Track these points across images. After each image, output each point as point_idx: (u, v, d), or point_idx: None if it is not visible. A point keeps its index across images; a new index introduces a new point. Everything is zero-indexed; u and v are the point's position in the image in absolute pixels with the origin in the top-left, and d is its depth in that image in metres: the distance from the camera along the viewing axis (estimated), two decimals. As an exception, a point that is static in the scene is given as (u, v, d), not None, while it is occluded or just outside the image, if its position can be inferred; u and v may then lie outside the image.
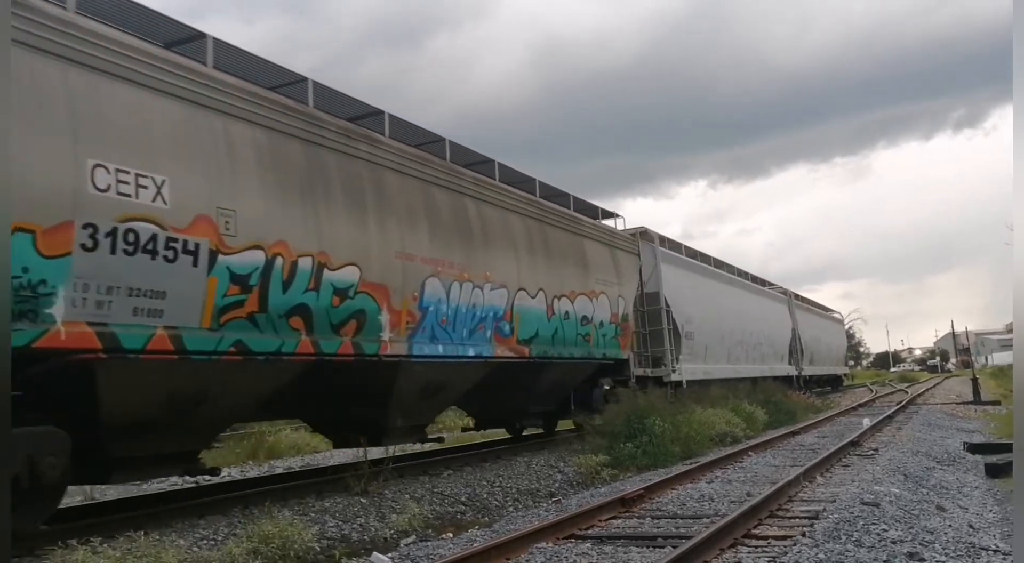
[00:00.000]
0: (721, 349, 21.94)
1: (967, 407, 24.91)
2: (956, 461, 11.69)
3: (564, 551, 6.07)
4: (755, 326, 25.63)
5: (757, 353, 25.68)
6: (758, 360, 25.69)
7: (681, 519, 7.36)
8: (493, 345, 11.29)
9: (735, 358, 23.25)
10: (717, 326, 21.56)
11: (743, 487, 9.01)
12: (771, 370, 26.61)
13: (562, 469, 11.70)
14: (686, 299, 19.29)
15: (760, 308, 27.33)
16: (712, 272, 23.59)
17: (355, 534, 7.64)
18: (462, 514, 9.05)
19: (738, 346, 23.74)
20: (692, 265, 21.68)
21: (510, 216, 12.25)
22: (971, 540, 6.20)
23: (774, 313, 29.07)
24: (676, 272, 19.45)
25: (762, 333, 26.47)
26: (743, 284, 26.69)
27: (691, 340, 19.22)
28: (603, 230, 15.96)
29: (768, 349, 27.21)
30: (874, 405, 26.94)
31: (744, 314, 24.66)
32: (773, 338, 28.02)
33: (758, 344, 25.94)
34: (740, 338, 23.95)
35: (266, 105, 7.95)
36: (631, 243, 17.12)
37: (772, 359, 27.53)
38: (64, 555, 5.50)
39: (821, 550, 5.47)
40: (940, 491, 8.84)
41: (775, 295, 31.25)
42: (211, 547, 6.52)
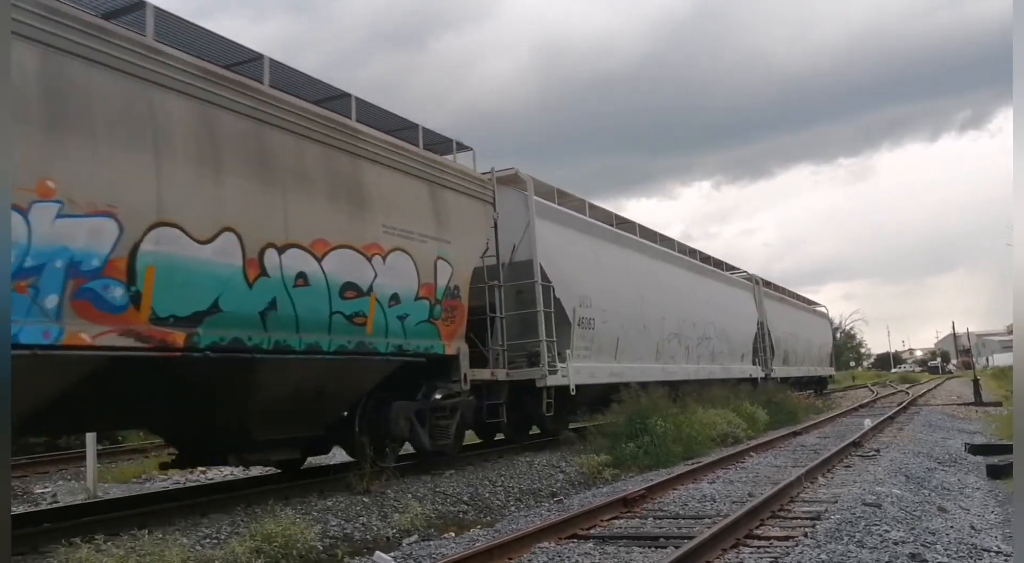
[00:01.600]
0: (644, 343, 16.60)
1: (968, 408, 24.90)
2: (957, 462, 11.70)
3: (566, 551, 6.09)
4: (702, 316, 20.21)
5: (704, 350, 20.32)
6: (706, 359, 20.36)
7: (683, 519, 7.37)
8: (64, 322, 5.80)
9: (668, 356, 17.81)
10: (636, 313, 16.29)
11: (745, 487, 9.03)
12: (725, 371, 21.46)
13: (564, 469, 11.71)
14: (581, 274, 14.26)
15: (711, 294, 21.88)
16: (631, 242, 17.68)
17: (357, 533, 7.65)
18: (464, 513, 9.07)
19: (672, 340, 18.22)
20: (595, 229, 15.94)
21: (167, 97, 6.89)
22: (973, 541, 6.21)
23: (732, 302, 23.73)
24: (564, 235, 14.19)
25: (712, 325, 21.00)
26: (684, 262, 20.82)
27: (589, 329, 14.17)
28: (419, 159, 10.13)
29: (722, 345, 21.84)
30: (875, 406, 26.94)
31: (684, 300, 19.41)
32: (729, 332, 22.45)
33: (705, 339, 20.44)
34: (676, 330, 18.42)
35: None
36: (480, 187, 11.42)
37: (727, 358, 22.21)
38: (68, 553, 5.52)
39: (823, 551, 5.48)
40: (942, 492, 8.84)
41: (734, 280, 25.41)
42: (214, 546, 6.53)
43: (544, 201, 13.80)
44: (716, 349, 21.32)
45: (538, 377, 12.38)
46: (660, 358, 17.37)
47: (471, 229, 11.11)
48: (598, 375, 14.32)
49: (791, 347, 30.43)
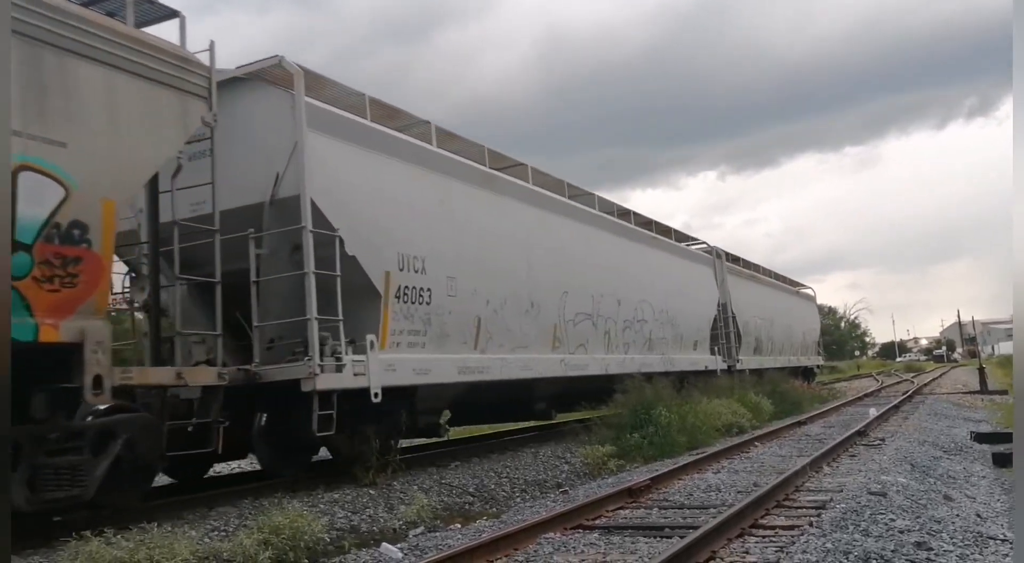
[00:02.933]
0: (531, 327, 12.33)
1: (974, 397, 24.88)
2: (963, 450, 11.70)
3: (572, 541, 6.11)
4: (633, 293, 16.20)
5: (636, 336, 16.24)
6: (639, 347, 16.36)
7: (688, 509, 7.39)
8: None
9: (574, 343, 13.65)
10: (518, 285, 12.07)
11: (750, 477, 9.04)
12: (666, 362, 17.30)
13: (569, 460, 11.74)
14: (407, 223, 9.87)
15: (650, 267, 17.52)
16: (516, 189, 12.61)
17: (364, 525, 7.69)
18: (470, 505, 9.10)
19: (582, 323, 13.96)
20: (445, 164, 10.97)
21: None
22: (978, 529, 6.22)
23: (682, 278, 19.62)
24: (373, 165, 9.56)
25: (650, 305, 16.98)
26: (609, 224, 15.94)
27: (420, 305, 9.85)
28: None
29: (663, 331, 17.69)
30: (880, 395, 26.93)
31: (606, 272, 15.26)
32: (676, 314, 18.35)
33: (638, 322, 16.29)
34: (589, 310, 14.30)
35: None
36: (172, 68, 7.57)
37: (671, 346, 18.05)
38: (78, 546, 5.56)
39: (828, 540, 5.50)
40: (947, 481, 8.85)
41: (687, 252, 20.80)
42: (222, 538, 6.57)
43: (337, 111, 9.37)
44: (655, 335, 17.15)
45: (303, 376, 8.08)
46: (561, 346, 13.14)
47: (135, 130, 7.05)
48: (439, 372, 9.94)
49: (765, 334, 26.13)
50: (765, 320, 26.28)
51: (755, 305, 25.25)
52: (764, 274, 28.63)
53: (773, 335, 27.36)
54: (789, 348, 29.84)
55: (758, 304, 25.70)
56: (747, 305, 24.19)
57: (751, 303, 24.79)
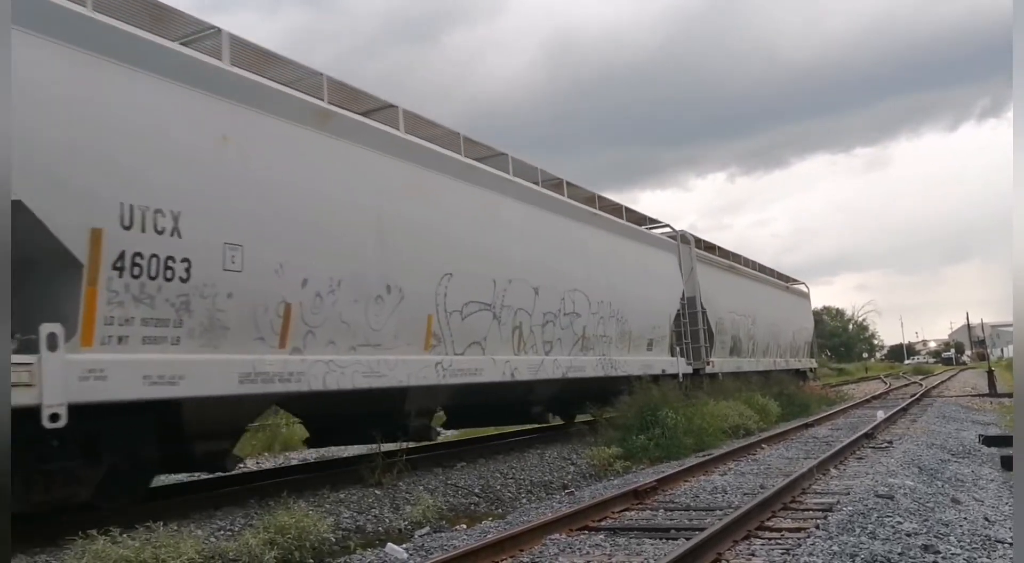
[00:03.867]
0: (376, 319, 8.85)
1: (982, 399, 24.76)
2: (971, 454, 11.64)
3: (577, 542, 6.10)
4: (551, 279, 12.64)
5: (559, 333, 12.79)
6: (568, 347, 13.06)
7: (694, 511, 7.38)
8: None
9: (454, 340, 10.19)
10: (342, 262, 8.48)
11: (756, 479, 9.02)
12: (606, 365, 14.22)
13: (575, 461, 11.73)
14: (120, 154, 6.33)
15: (576, 248, 13.87)
16: (333, 120, 8.72)
17: (370, 525, 7.70)
18: (476, 505, 9.10)
19: (474, 316, 10.68)
20: (203, 73, 7.22)
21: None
22: (987, 533, 6.19)
23: (630, 264, 15.89)
24: (76, 63, 6.10)
25: (579, 296, 13.51)
26: (500, 184, 11.83)
27: (160, 281, 6.53)
28: None
29: (605, 327, 14.44)
30: (888, 398, 26.82)
31: (499, 249, 11.43)
32: (621, 308, 15.00)
33: (560, 316, 12.82)
34: (479, 296, 10.79)
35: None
36: None
37: (615, 346, 14.79)
38: (84, 544, 5.57)
39: (835, 542, 5.47)
40: (955, 484, 8.81)
41: (639, 233, 17.06)
42: (228, 538, 6.59)
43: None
44: (591, 333, 13.86)
45: None
46: (440, 345, 9.83)
47: None
48: (203, 380, 6.82)
49: (745, 333, 22.95)
50: (745, 317, 22.98)
51: (733, 300, 21.98)
52: (746, 265, 24.92)
53: (756, 334, 24.01)
54: (776, 349, 26.73)
55: (737, 299, 22.45)
56: (722, 300, 21.00)
57: (728, 297, 21.58)
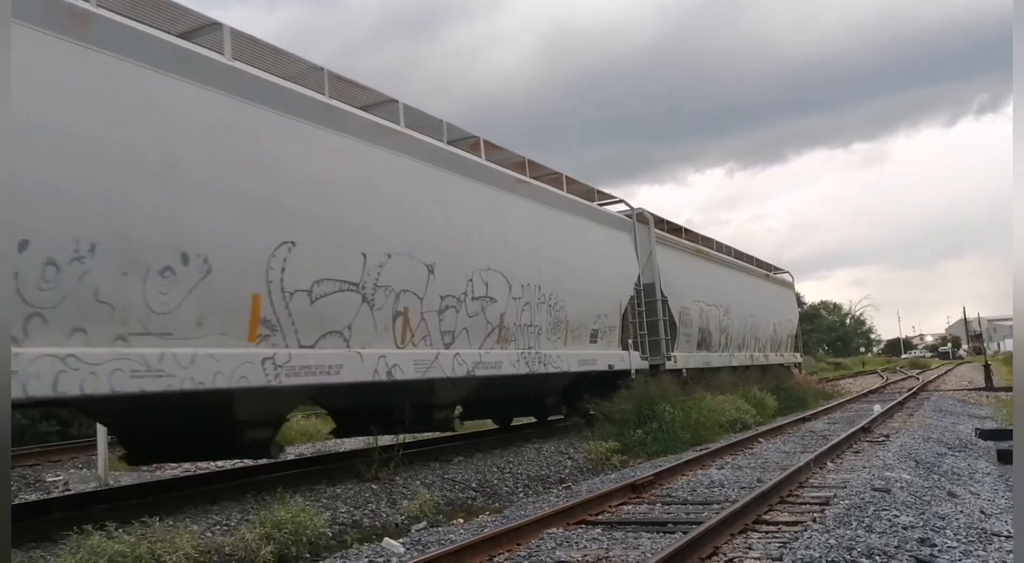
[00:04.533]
0: (160, 298, 6.39)
1: (979, 393, 24.83)
2: (968, 447, 11.66)
3: (575, 536, 6.10)
4: (452, 256, 10.26)
5: (465, 322, 10.42)
6: (476, 338, 10.65)
7: (691, 505, 7.38)
8: None
9: (298, 329, 7.73)
10: (88, 221, 5.90)
11: (753, 473, 9.02)
12: (531, 360, 11.78)
13: (572, 455, 11.74)
14: None
15: (493, 220, 11.45)
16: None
17: (367, 520, 7.69)
18: (473, 500, 9.10)
19: (331, 297, 8.21)
20: None
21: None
22: (983, 526, 6.19)
23: (570, 243, 13.60)
24: None
25: (496, 277, 11.20)
26: (382, 135, 9.36)
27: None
28: None
29: (531, 317, 12.04)
30: (885, 392, 26.87)
31: (373, 215, 9.05)
32: (556, 293, 12.78)
33: (468, 301, 10.53)
34: (339, 272, 8.37)
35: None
36: None
37: (544, 339, 12.37)
38: (80, 540, 5.56)
39: (832, 536, 5.47)
40: (952, 477, 8.82)
41: (584, 208, 14.59)
42: (224, 532, 6.58)
43: None
44: (512, 322, 11.42)
45: None
46: (274, 336, 7.51)
47: None
48: None
49: (716, 324, 20.54)
50: (716, 307, 20.62)
51: (701, 288, 19.64)
52: (718, 250, 22.51)
53: (729, 327, 21.63)
54: (754, 343, 24.20)
55: (707, 287, 20.14)
56: (688, 287, 18.62)
57: (695, 285, 19.25)
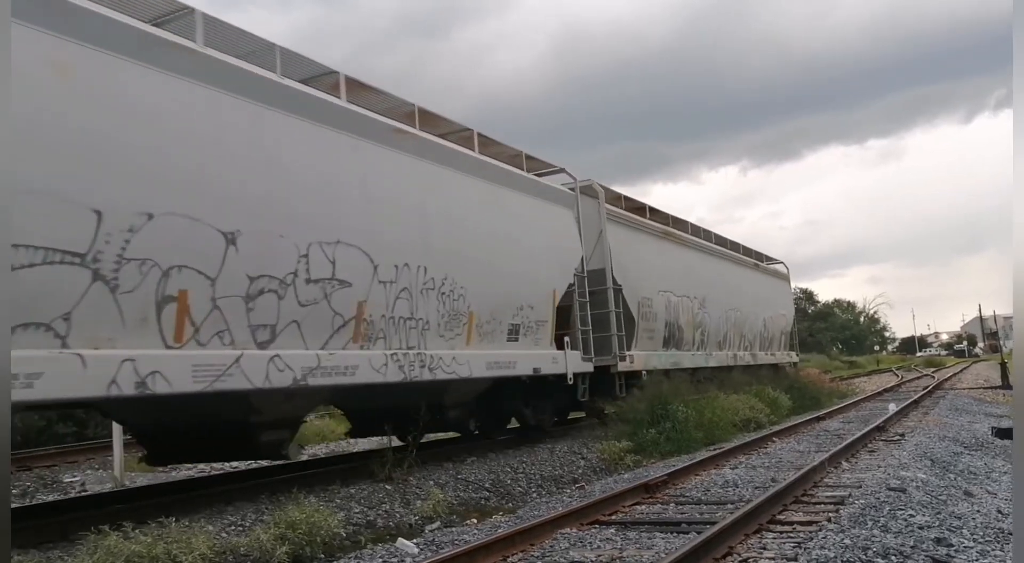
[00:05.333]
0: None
1: (995, 392, 24.61)
2: (984, 446, 11.58)
3: (588, 537, 6.09)
4: (268, 220, 7.41)
5: (301, 310, 7.67)
6: (310, 334, 7.79)
7: (705, 505, 7.36)
8: None
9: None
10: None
11: (767, 473, 8.99)
12: (415, 363, 9.19)
13: (585, 455, 11.73)
14: None
15: (336, 171, 8.43)
16: None
17: (380, 520, 7.72)
18: (486, 500, 9.11)
19: (61, 275, 5.65)
20: None
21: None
22: (999, 525, 6.14)
23: (484, 217, 10.92)
24: None
25: (346, 252, 8.31)
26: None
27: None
28: None
29: (423, 310, 9.48)
30: (900, 390, 26.70)
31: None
32: (461, 279, 10.21)
33: (299, 284, 7.67)
34: (93, 241, 5.88)
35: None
36: None
37: (441, 336, 9.84)
38: (97, 540, 5.60)
39: (847, 535, 5.44)
40: (968, 476, 8.76)
41: (505, 175, 11.75)
42: (239, 533, 6.62)
43: None
44: (379, 313, 8.80)
45: None
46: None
47: None
48: None
49: (689, 319, 17.97)
50: (689, 299, 18.05)
51: (669, 276, 17.18)
52: (694, 234, 19.89)
53: (706, 322, 19.12)
54: (739, 341, 21.72)
55: (677, 275, 17.57)
56: (651, 275, 16.17)
57: (661, 273, 16.79)
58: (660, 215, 18.32)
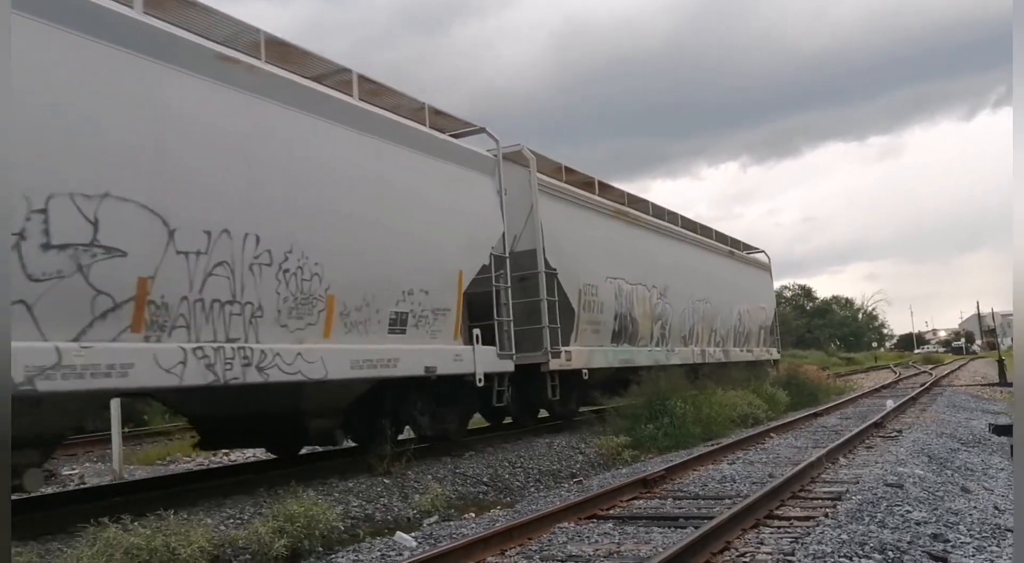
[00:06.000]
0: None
1: (993, 389, 24.67)
2: (981, 442, 11.61)
3: (586, 531, 6.11)
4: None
5: (38, 284, 5.60)
6: (38, 320, 5.59)
7: (703, 500, 7.37)
8: None
9: None
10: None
11: (765, 468, 9.01)
12: (219, 365, 6.77)
13: (583, 450, 11.75)
14: None
15: (110, 105, 6.18)
16: None
17: (378, 514, 7.73)
18: (484, 494, 9.13)
19: None
20: None
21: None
22: (996, 522, 6.17)
23: (364, 182, 8.79)
24: None
25: (118, 208, 6.13)
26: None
27: None
28: None
29: (210, 287, 6.86)
30: (898, 387, 26.75)
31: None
32: (300, 247, 7.76)
33: (20, 250, 5.48)
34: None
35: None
36: None
37: (253, 325, 7.22)
38: (96, 532, 5.61)
39: (844, 531, 5.46)
40: (965, 473, 8.79)
41: (400, 130, 9.57)
42: (237, 526, 6.63)
43: None
44: (174, 294, 6.60)
45: None
46: None
47: None
48: None
49: (645, 310, 15.83)
50: (646, 288, 15.92)
51: (621, 261, 14.98)
52: (656, 216, 17.51)
53: (668, 314, 16.91)
54: (709, 336, 19.70)
55: (630, 260, 15.42)
56: (596, 259, 14.06)
57: (610, 257, 14.59)
58: (613, 192, 16.02)
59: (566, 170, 14.34)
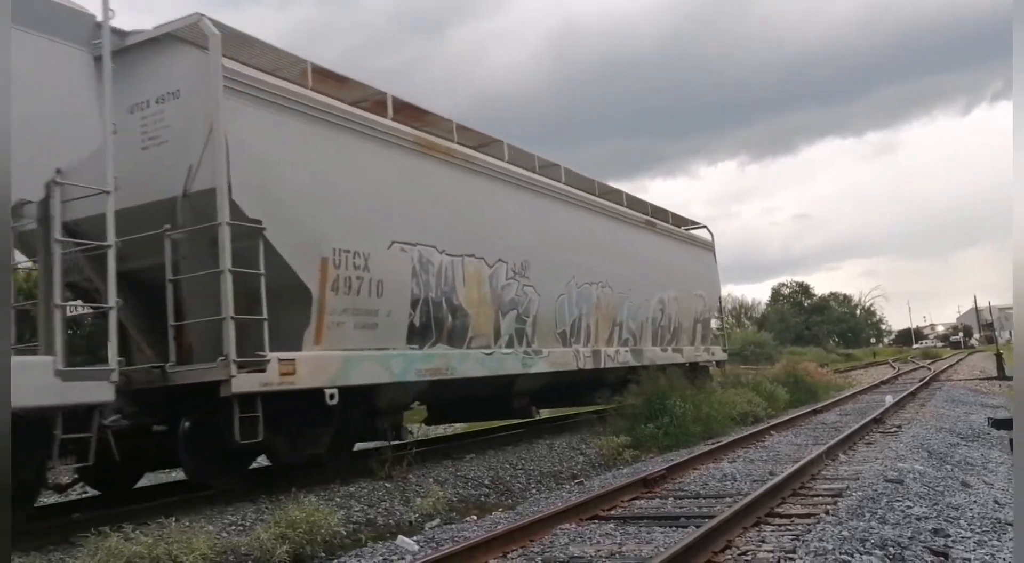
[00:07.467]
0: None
1: (991, 383, 24.72)
2: (980, 437, 11.63)
3: (587, 532, 6.12)
4: None
5: None
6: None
7: (703, 499, 7.38)
8: None
9: None
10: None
11: (765, 466, 9.02)
12: None
13: (584, 451, 11.76)
14: None
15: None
16: None
17: (380, 518, 7.74)
18: (486, 497, 9.14)
19: None
20: None
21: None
22: (997, 516, 6.19)
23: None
24: None
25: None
26: None
27: None
28: None
29: None
30: (896, 382, 26.78)
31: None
32: None
33: None
34: None
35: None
36: None
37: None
38: (98, 541, 5.62)
39: (845, 527, 5.48)
40: (965, 467, 8.81)
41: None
42: (239, 532, 6.63)
43: None
44: None
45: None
46: None
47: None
48: None
49: (482, 295, 11.04)
50: (487, 263, 11.22)
51: (427, 218, 10.06)
52: (513, 162, 12.49)
53: (531, 300, 12.23)
54: (609, 332, 14.89)
55: (453, 220, 10.60)
56: (369, 212, 9.16)
57: (405, 211, 9.69)
58: (410, 110, 10.51)
59: (319, 74, 9.11)
